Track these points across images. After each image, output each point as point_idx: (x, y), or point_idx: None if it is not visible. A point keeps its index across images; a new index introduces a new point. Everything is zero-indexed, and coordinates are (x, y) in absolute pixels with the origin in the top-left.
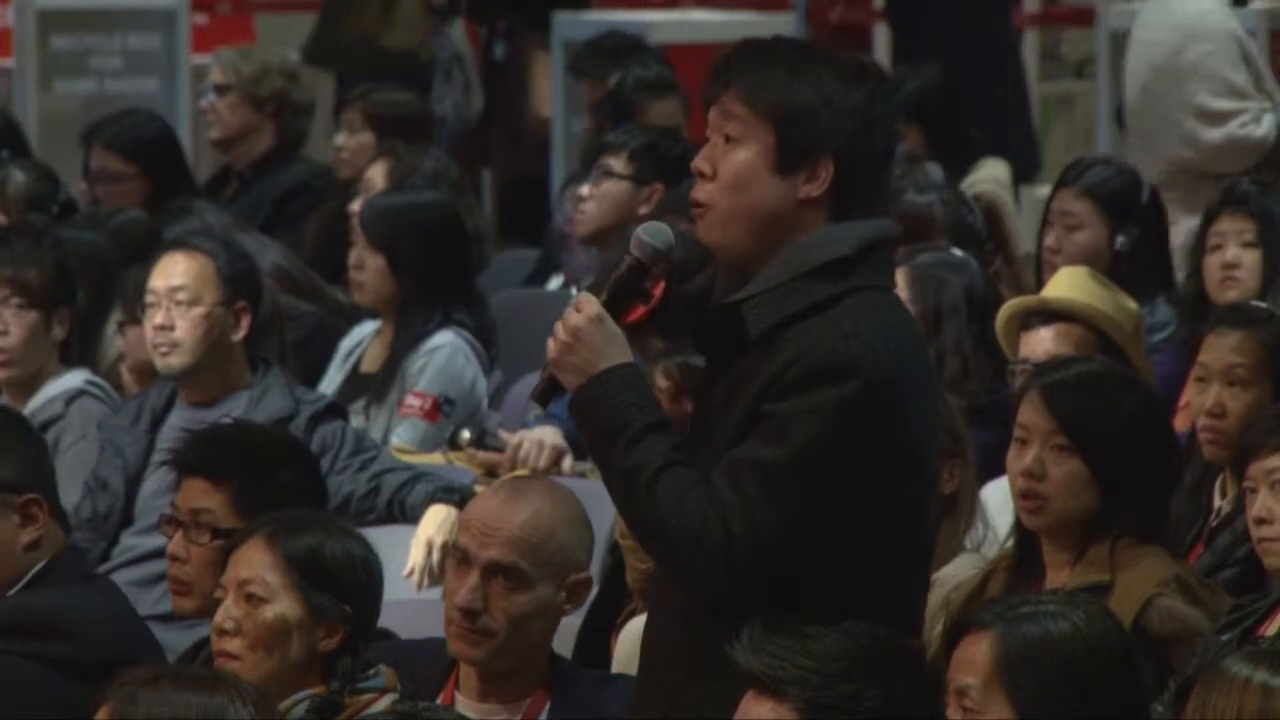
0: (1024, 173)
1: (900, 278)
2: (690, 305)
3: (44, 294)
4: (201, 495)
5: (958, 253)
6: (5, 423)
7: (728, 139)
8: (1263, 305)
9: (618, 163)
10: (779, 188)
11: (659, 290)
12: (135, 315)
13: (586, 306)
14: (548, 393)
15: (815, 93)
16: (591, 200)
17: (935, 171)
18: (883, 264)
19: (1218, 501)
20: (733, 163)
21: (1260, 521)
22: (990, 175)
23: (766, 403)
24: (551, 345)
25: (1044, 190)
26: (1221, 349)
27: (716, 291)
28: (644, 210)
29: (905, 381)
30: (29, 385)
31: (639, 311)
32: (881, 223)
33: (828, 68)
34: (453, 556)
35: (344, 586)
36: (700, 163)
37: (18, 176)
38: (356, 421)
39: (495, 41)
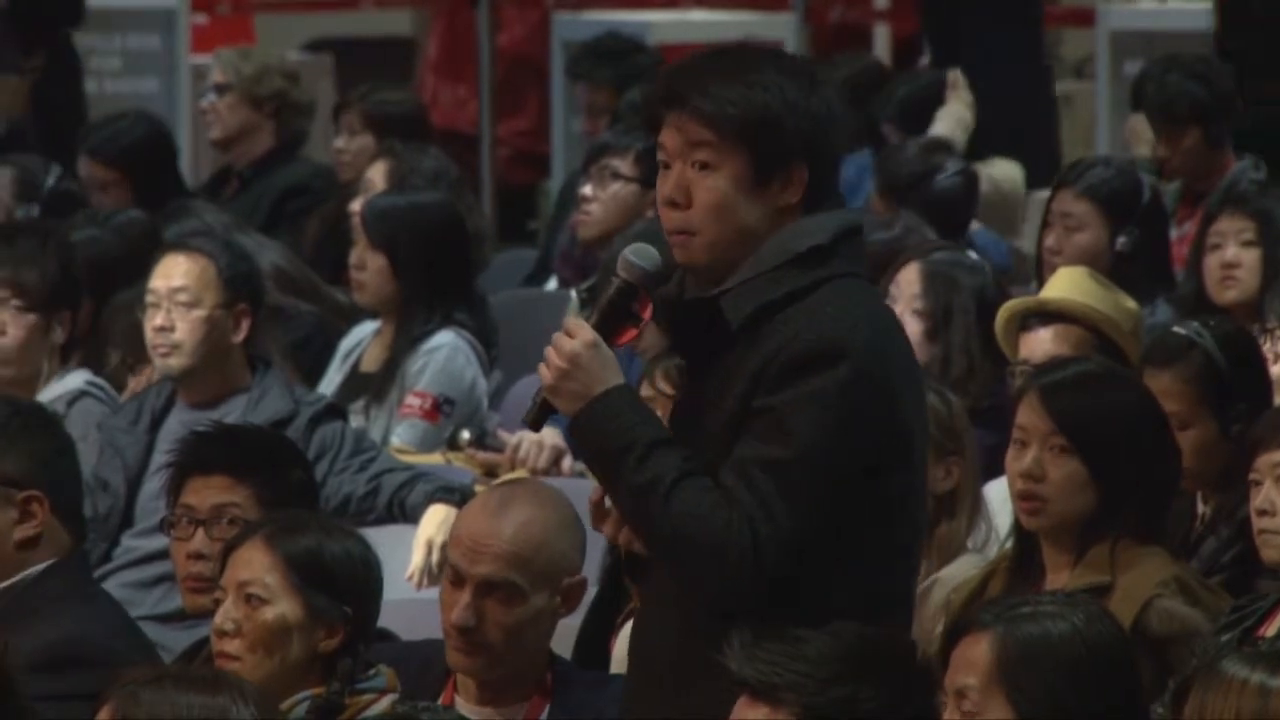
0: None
1: (913, 273)
2: (662, 308)
3: (44, 297)
4: (224, 491)
5: (973, 255)
6: (21, 418)
7: (700, 165)
8: (1182, 333)
9: (624, 164)
10: (760, 203)
11: (648, 313)
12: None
13: (580, 332)
14: (541, 417)
15: (778, 101)
16: (596, 202)
17: (955, 164)
18: (856, 253)
19: (1200, 508)
20: (710, 190)
21: (1262, 513)
22: (1005, 175)
23: (758, 396)
24: (545, 371)
25: (1045, 192)
26: (1157, 394)
27: (686, 294)
28: (650, 213)
29: (891, 364)
30: (25, 388)
31: (629, 334)
32: (853, 212)
33: (781, 72)
34: (445, 574)
35: (344, 587)
36: (673, 193)
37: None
38: (356, 421)
39: None
